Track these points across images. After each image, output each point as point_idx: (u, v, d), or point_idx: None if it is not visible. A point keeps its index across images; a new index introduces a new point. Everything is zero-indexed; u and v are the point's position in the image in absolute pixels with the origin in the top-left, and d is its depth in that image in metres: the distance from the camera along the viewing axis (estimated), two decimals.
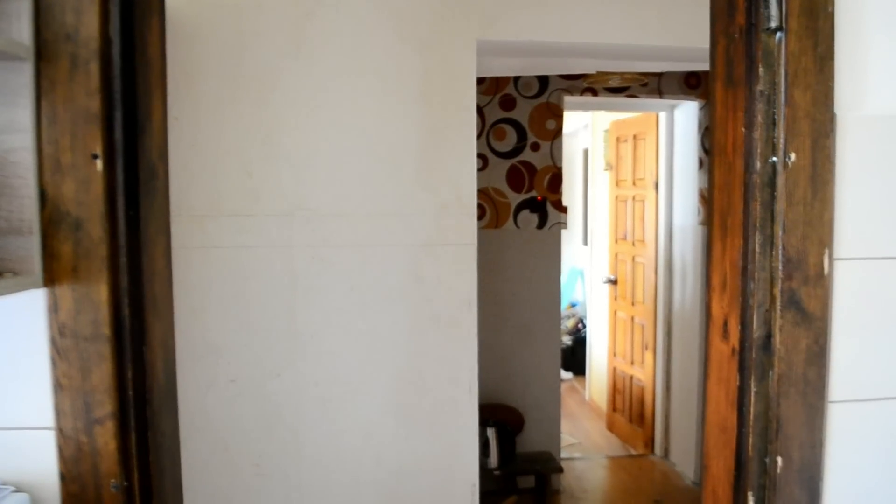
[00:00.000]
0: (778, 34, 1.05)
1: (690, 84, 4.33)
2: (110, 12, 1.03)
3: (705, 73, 4.19)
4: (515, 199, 4.19)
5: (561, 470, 4.25)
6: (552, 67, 3.72)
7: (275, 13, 2.17)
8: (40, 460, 1.04)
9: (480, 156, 3.97)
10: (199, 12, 2.17)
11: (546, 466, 4.14)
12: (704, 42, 1.23)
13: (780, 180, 1.06)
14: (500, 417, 4.03)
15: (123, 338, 1.04)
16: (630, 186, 5.14)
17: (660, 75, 4.28)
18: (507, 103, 4.15)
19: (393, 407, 2.28)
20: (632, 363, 5.14)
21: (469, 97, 2.31)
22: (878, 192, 1.10)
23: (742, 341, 1.11)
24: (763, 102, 1.07)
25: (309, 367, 2.23)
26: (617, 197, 5.37)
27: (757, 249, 1.07)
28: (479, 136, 3.97)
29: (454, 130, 2.29)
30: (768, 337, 1.07)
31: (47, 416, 1.04)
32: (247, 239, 2.22)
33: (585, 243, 6.91)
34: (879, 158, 1.10)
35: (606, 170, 5.66)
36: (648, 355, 4.89)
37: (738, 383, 1.12)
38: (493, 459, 3.91)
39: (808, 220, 1.06)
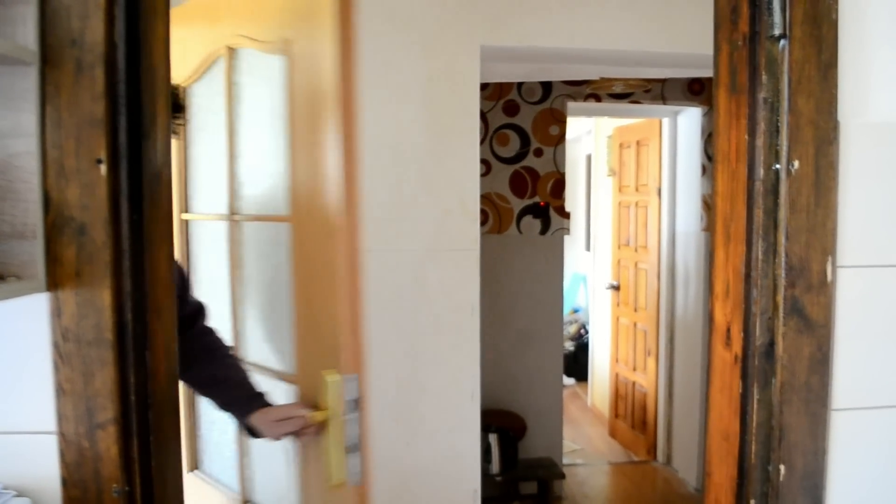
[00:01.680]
0: (782, 42, 1.06)
1: (694, 90, 4.33)
2: (115, 17, 1.03)
3: (709, 79, 4.19)
4: (518, 204, 4.20)
5: (563, 476, 4.24)
6: (556, 73, 3.72)
7: None
8: (42, 465, 1.04)
9: (483, 161, 3.97)
10: None
11: (548, 472, 4.14)
12: (708, 48, 1.23)
13: (784, 188, 1.06)
14: (501, 423, 4.03)
15: (126, 342, 1.04)
16: (633, 192, 5.14)
17: (663, 81, 4.29)
18: (511, 109, 4.16)
19: (394, 412, 2.28)
20: (634, 369, 5.13)
21: (472, 102, 2.32)
22: (882, 199, 1.10)
23: (745, 349, 1.10)
24: (766, 110, 1.07)
25: None
26: (620, 203, 5.37)
27: (760, 257, 1.07)
28: (482, 142, 3.98)
29: (457, 135, 2.30)
30: (771, 344, 1.07)
31: (49, 420, 1.04)
32: None
33: (588, 249, 6.91)
34: (883, 166, 1.09)
35: (609, 175, 5.66)
36: (651, 361, 4.88)
37: (740, 391, 1.12)
38: (495, 465, 3.90)
39: (811, 227, 1.06)
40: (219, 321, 1.86)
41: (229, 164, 1.85)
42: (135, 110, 1.06)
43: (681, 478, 4.60)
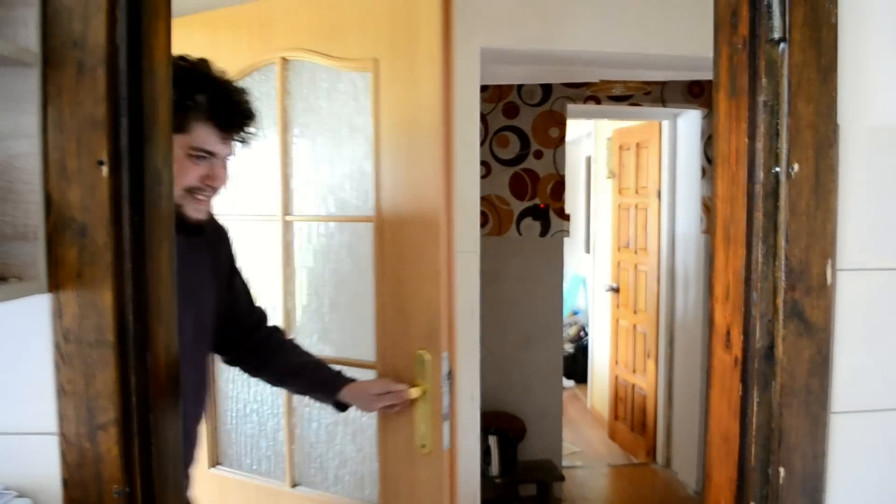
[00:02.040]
0: (781, 45, 1.06)
1: (694, 93, 4.34)
2: (117, 19, 1.03)
3: (709, 81, 4.19)
4: (518, 206, 4.20)
5: (562, 478, 4.25)
6: (556, 76, 3.73)
7: None
8: (43, 466, 1.04)
9: (483, 163, 3.97)
10: None
11: (547, 475, 4.14)
12: (708, 51, 1.23)
13: (783, 191, 1.06)
14: (501, 425, 4.03)
15: (127, 344, 1.04)
16: (633, 194, 5.14)
17: (663, 84, 4.29)
18: (511, 111, 4.16)
19: None
20: (634, 371, 5.13)
21: (473, 105, 2.32)
22: (882, 202, 1.10)
23: (745, 351, 1.11)
24: (766, 113, 1.07)
25: None
26: (619, 205, 5.38)
27: (760, 260, 1.07)
28: (482, 144, 3.98)
29: (458, 137, 2.29)
30: (771, 347, 1.07)
31: (51, 421, 1.04)
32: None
33: (588, 251, 6.91)
34: (883, 169, 1.10)
35: (609, 178, 5.66)
36: (650, 364, 4.88)
37: (740, 393, 1.12)
38: (495, 467, 3.90)
39: (811, 230, 1.06)
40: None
41: (283, 169, 2.01)
42: (136, 112, 1.06)
43: (680, 480, 4.60)
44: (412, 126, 1.75)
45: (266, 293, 2.03)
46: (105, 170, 1.02)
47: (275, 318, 1.97)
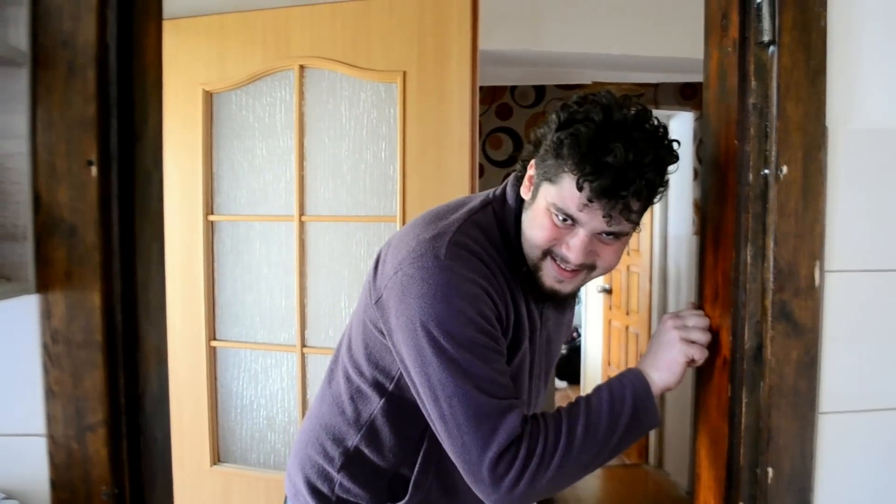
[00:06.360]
0: (771, 48, 1.06)
1: (686, 95, 4.34)
2: (108, 19, 1.03)
3: (700, 84, 4.19)
4: None
5: None
6: (548, 77, 3.73)
7: None
8: (31, 467, 1.03)
9: None
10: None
11: None
12: (700, 53, 1.24)
13: (772, 192, 1.06)
14: None
15: (116, 344, 1.04)
16: None
17: (656, 86, 4.29)
18: (504, 112, 4.16)
19: None
20: None
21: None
22: (870, 204, 1.10)
23: (733, 352, 1.11)
24: (755, 115, 1.08)
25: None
26: None
27: (748, 261, 1.08)
28: None
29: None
30: (759, 348, 1.08)
31: (38, 422, 1.03)
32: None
33: None
34: (871, 171, 1.10)
35: None
36: None
37: (729, 394, 1.12)
38: None
39: (799, 232, 1.06)
40: (279, 314, 2.20)
41: (298, 170, 2.16)
42: (127, 112, 1.05)
43: (672, 481, 4.61)
44: (440, 134, 1.93)
45: (282, 290, 2.19)
46: (94, 170, 1.01)
47: (290, 314, 2.13)
